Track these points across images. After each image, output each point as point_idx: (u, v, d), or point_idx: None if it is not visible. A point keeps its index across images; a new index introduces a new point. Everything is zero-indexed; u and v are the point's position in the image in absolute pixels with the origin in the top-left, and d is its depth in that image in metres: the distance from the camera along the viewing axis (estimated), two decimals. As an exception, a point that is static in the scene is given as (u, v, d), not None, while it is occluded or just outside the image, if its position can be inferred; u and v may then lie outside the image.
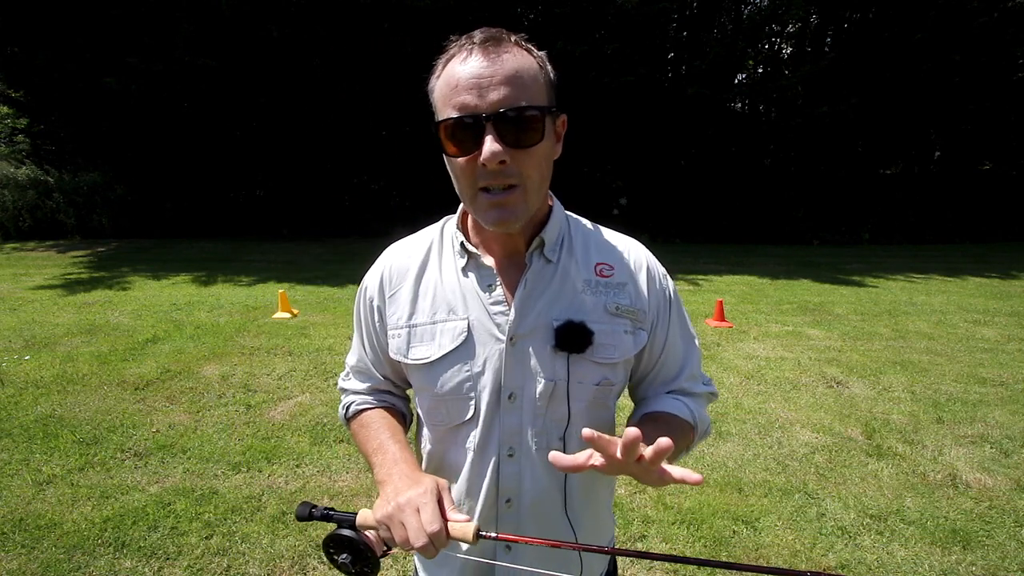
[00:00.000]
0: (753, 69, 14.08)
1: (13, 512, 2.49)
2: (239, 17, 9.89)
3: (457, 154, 0.74)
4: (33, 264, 8.69)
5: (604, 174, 13.44)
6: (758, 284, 8.05)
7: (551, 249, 0.87)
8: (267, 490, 2.71)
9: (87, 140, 12.21)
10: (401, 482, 0.76)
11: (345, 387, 1.02)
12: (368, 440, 0.90)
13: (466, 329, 0.84)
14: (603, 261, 0.89)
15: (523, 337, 0.83)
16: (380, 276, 0.92)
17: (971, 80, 12.08)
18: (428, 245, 0.92)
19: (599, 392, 0.86)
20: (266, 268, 8.41)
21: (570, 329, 0.82)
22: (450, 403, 0.86)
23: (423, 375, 0.87)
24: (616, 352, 0.85)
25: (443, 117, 0.74)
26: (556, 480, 0.87)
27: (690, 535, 2.44)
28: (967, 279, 8.53)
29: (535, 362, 0.83)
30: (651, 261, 0.92)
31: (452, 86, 0.73)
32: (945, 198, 13.55)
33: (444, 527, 0.69)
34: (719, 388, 4.09)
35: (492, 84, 0.71)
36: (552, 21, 11.57)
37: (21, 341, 4.81)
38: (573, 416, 0.84)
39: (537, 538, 0.73)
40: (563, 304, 0.84)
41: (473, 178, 0.75)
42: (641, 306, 0.88)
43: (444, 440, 0.90)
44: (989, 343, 5.25)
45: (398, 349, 0.89)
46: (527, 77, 0.74)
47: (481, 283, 0.85)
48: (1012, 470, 2.99)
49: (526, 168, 0.75)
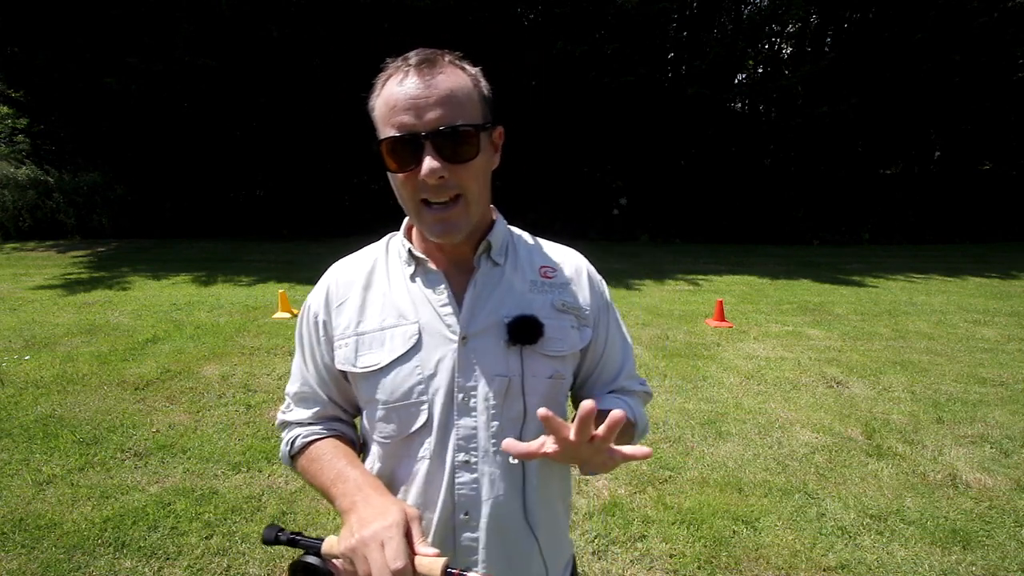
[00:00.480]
0: (753, 69, 14.08)
1: (13, 512, 2.49)
2: (239, 17, 9.89)
3: (398, 170, 0.78)
4: (33, 264, 8.69)
5: (604, 174, 13.44)
6: (758, 284, 8.05)
7: (498, 253, 0.90)
8: (267, 490, 2.71)
9: (87, 140, 12.21)
10: (366, 511, 0.72)
11: (287, 419, 0.95)
12: (322, 472, 0.85)
13: (417, 332, 0.85)
14: (546, 264, 0.94)
15: (475, 335, 0.84)
16: (325, 291, 0.92)
17: (971, 80, 12.08)
18: (374, 258, 0.93)
19: (552, 386, 0.87)
20: (266, 268, 8.41)
21: (522, 322, 0.84)
22: (401, 410, 0.84)
23: (372, 383, 0.85)
24: (565, 345, 0.88)
25: (384, 136, 0.78)
26: (515, 484, 0.86)
27: (690, 535, 2.44)
28: (967, 279, 8.53)
29: (488, 359, 0.84)
30: (589, 267, 0.99)
31: (391, 106, 0.76)
32: (945, 198, 13.55)
33: (410, 563, 0.66)
34: (719, 388, 4.09)
35: (428, 104, 0.75)
36: (552, 21, 11.57)
37: (21, 341, 4.81)
38: (529, 412, 0.85)
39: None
40: (512, 302, 0.87)
41: (415, 191, 0.79)
42: (583, 306, 0.92)
43: (395, 454, 0.87)
44: (989, 343, 5.25)
45: (346, 358, 0.87)
46: (461, 96, 0.77)
47: (429, 287, 0.87)
48: (1012, 470, 2.99)
49: (464, 180, 0.79)
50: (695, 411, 3.69)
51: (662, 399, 3.88)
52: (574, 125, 12.35)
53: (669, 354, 4.80)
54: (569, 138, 12.54)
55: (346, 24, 10.37)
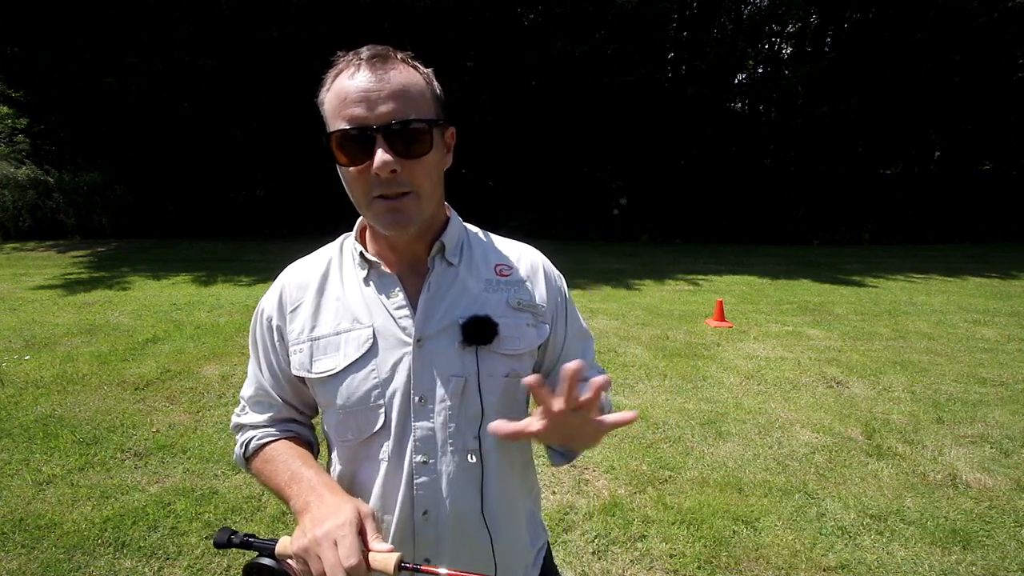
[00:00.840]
0: (753, 69, 14.09)
1: (13, 512, 2.49)
2: (239, 17, 9.89)
3: (348, 164, 0.76)
4: (33, 264, 8.68)
5: (604, 174, 13.44)
6: (758, 284, 8.05)
7: (452, 253, 0.89)
8: (267, 490, 2.70)
9: (87, 140, 12.21)
10: (319, 511, 0.71)
11: (242, 423, 0.94)
12: (276, 473, 0.84)
13: (371, 336, 0.84)
14: (501, 262, 0.93)
15: (430, 338, 0.84)
16: (279, 295, 0.90)
17: (971, 80, 12.09)
18: (327, 261, 0.92)
19: (509, 384, 0.87)
20: (266, 268, 8.40)
21: (476, 323, 0.84)
22: (359, 415, 0.84)
23: (329, 388, 0.85)
24: (521, 343, 0.88)
25: (333, 129, 0.76)
26: (474, 482, 0.86)
27: (690, 535, 2.44)
28: (967, 279, 8.54)
29: (444, 361, 0.84)
30: (546, 263, 0.98)
31: (341, 99, 0.75)
32: (945, 198, 13.55)
33: (364, 560, 0.66)
34: (719, 388, 4.09)
35: (380, 98, 0.74)
36: (552, 21, 11.57)
37: (21, 341, 4.81)
38: (486, 411, 0.85)
39: (460, 570, 0.71)
40: (466, 303, 0.86)
41: (366, 187, 0.77)
42: (540, 302, 0.92)
43: (355, 457, 0.88)
44: (989, 343, 5.25)
45: (301, 364, 0.86)
46: (414, 91, 0.76)
47: (383, 290, 0.86)
48: (1012, 470, 2.99)
49: (417, 177, 0.77)
50: (695, 411, 3.69)
51: (662, 399, 3.88)
52: (574, 125, 12.35)
53: (669, 354, 4.80)
54: (569, 138, 12.54)
55: (346, 24, 10.37)
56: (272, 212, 12.26)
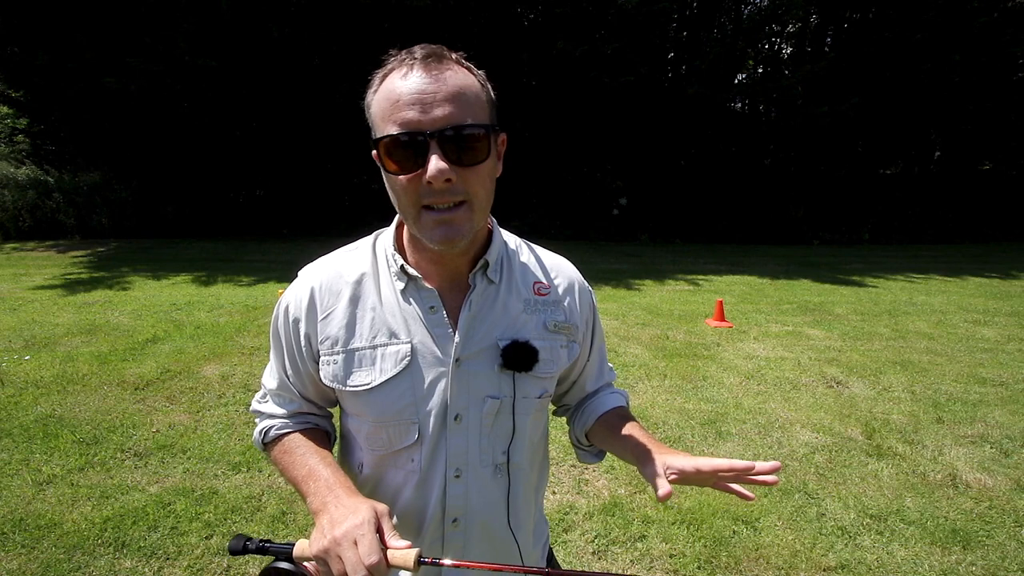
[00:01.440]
0: (753, 69, 14.10)
1: (13, 512, 2.49)
2: (239, 17, 9.89)
3: (399, 172, 0.72)
4: (33, 264, 8.68)
5: (604, 174, 13.45)
6: (758, 284, 8.05)
7: (494, 270, 0.86)
8: (267, 490, 2.71)
9: (87, 140, 12.21)
10: (337, 511, 0.72)
11: (261, 410, 0.94)
12: (294, 466, 0.85)
13: (409, 353, 0.82)
14: (539, 280, 0.91)
15: (468, 358, 0.83)
16: (309, 296, 0.85)
17: (971, 80, 12.09)
18: (361, 264, 0.87)
19: (541, 404, 0.90)
20: (266, 268, 8.40)
21: (517, 349, 0.84)
22: (391, 428, 0.84)
23: (363, 401, 0.84)
24: (555, 367, 0.89)
25: (383, 133, 0.71)
26: (501, 494, 0.89)
27: (690, 535, 2.44)
28: (967, 279, 8.54)
29: (481, 382, 0.84)
30: (579, 278, 0.98)
31: (393, 102, 0.70)
32: (945, 198, 13.56)
33: (383, 557, 0.67)
34: (719, 388, 4.09)
35: (436, 101, 0.69)
36: (552, 21, 11.58)
37: (21, 341, 4.81)
38: (518, 429, 0.87)
39: (479, 562, 0.72)
40: (506, 324, 0.86)
41: (416, 196, 0.73)
42: (575, 321, 0.92)
43: (384, 464, 0.88)
44: (989, 343, 5.25)
45: (335, 376, 0.84)
46: (470, 95, 0.72)
47: (423, 306, 0.83)
48: (1012, 470, 2.99)
49: (472, 186, 0.73)
50: (695, 411, 3.69)
51: (662, 399, 3.88)
52: (574, 125, 12.35)
53: (669, 354, 4.80)
54: (569, 138, 12.54)
55: (346, 24, 10.37)
56: (272, 212, 12.27)
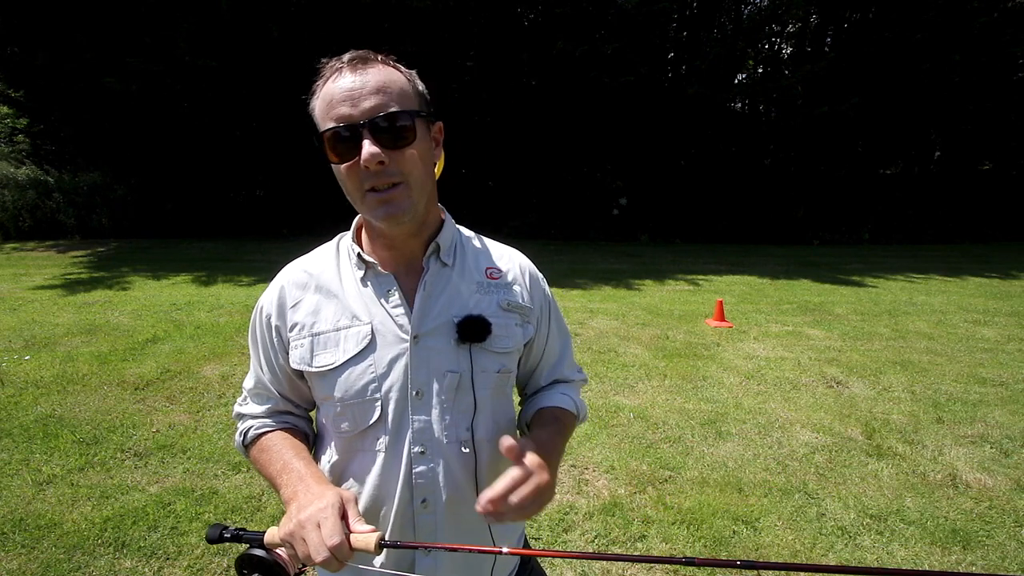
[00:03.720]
0: (753, 69, 14.09)
1: (13, 512, 2.49)
2: (239, 17, 9.89)
3: (339, 161, 0.80)
4: (33, 264, 8.68)
5: (604, 174, 13.44)
6: (758, 284, 8.05)
7: (447, 253, 0.93)
8: (267, 490, 2.70)
9: (87, 140, 12.20)
10: (304, 498, 0.76)
11: (242, 412, 1.00)
12: (270, 463, 0.89)
13: (370, 333, 0.88)
14: (492, 265, 0.98)
15: (426, 335, 0.88)
16: (278, 293, 0.93)
17: (971, 80, 12.09)
18: (325, 260, 0.95)
19: (499, 380, 0.93)
20: (266, 268, 8.40)
21: (470, 322, 0.89)
22: (355, 408, 0.88)
23: (327, 382, 0.88)
24: (510, 342, 0.93)
25: (323, 128, 0.80)
26: (468, 472, 0.91)
27: (690, 535, 2.44)
28: (967, 279, 8.54)
29: (439, 357, 0.88)
30: (531, 267, 1.03)
31: (327, 101, 0.80)
32: (945, 198, 13.56)
33: (346, 539, 0.70)
34: (719, 388, 4.09)
35: (363, 94, 0.78)
36: (552, 21, 11.57)
37: (21, 341, 4.81)
38: (479, 404, 0.90)
39: (444, 543, 0.74)
40: (460, 302, 0.91)
41: (358, 181, 0.80)
42: (527, 303, 0.97)
43: (351, 448, 0.91)
44: (989, 343, 5.25)
45: (301, 359, 0.89)
46: (394, 87, 0.80)
47: (380, 290, 0.90)
48: (1012, 470, 2.99)
49: (405, 166, 0.80)
50: (695, 411, 3.69)
51: (662, 399, 3.88)
52: (574, 125, 12.35)
53: (669, 354, 4.80)
54: (569, 138, 12.53)
55: (346, 24, 10.37)
56: (272, 212, 12.26)
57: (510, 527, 1.02)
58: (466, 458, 0.90)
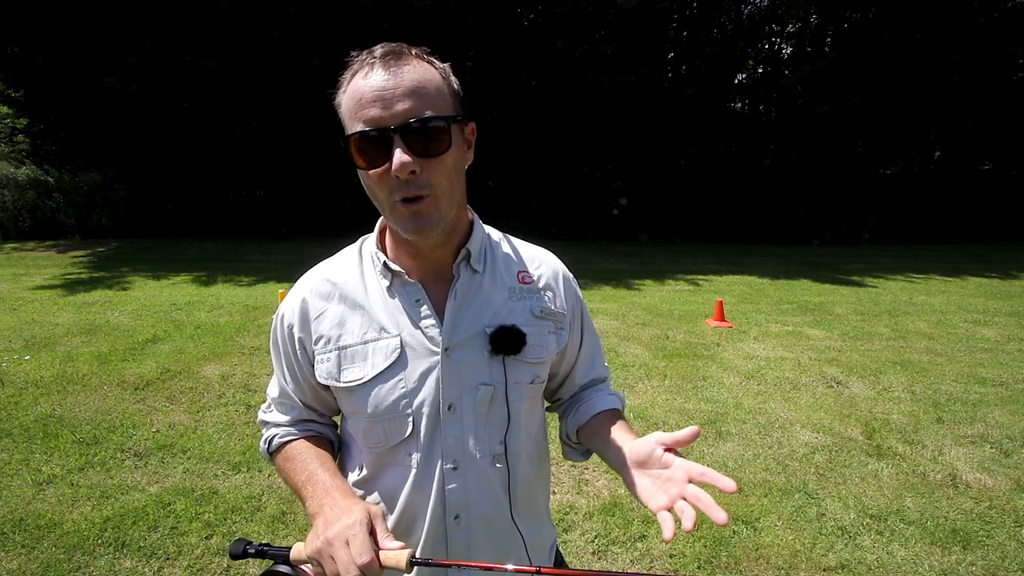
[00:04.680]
0: (753, 69, 14.09)
1: (13, 512, 2.49)
2: (239, 17, 9.89)
3: (367, 167, 0.75)
4: (33, 264, 8.68)
5: (604, 174, 13.44)
6: (758, 284, 8.05)
7: (477, 260, 0.88)
8: (267, 490, 2.71)
9: (87, 140, 12.21)
10: (332, 513, 0.74)
11: (266, 420, 0.97)
12: (296, 472, 0.87)
13: (399, 346, 0.84)
14: (523, 269, 0.93)
15: (458, 347, 0.84)
16: (300, 304, 0.89)
17: (971, 80, 12.09)
18: (348, 267, 0.91)
19: (533, 390, 0.90)
20: (266, 268, 8.40)
21: (504, 333, 0.84)
22: (387, 423, 0.85)
23: (356, 397, 0.85)
24: (544, 352, 0.89)
25: (351, 131, 0.75)
26: (502, 485, 0.88)
27: (690, 535, 2.44)
28: (967, 279, 8.54)
29: (472, 370, 0.84)
30: (562, 268, 0.99)
31: (357, 99, 0.74)
32: (945, 198, 13.56)
33: (376, 557, 0.68)
34: (719, 388, 4.10)
35: (396, 96, 0.72)
36: (552, 21, 11.57)
37: (21, 341, 4.81)
38: (512, 417, 0.87)
39: (475, 562, 0.71)
40: (492, 311, 0.87)
41: (388, 190, 0.75)
42: (560, 309, 0.93)
43: (381, 462, 0.88)
44: (989, 343, 5.25)
45: (328, 373, 0.86)
46: (430, 88, 0.75)
47: (408, 300, 0.85)
48: (1012, 470, 2.98)
49: (435, 177, 0.75)
50: (695, 411, 3.69)
51: (662, 399, 3.88)
52: (574, 125, 12.35)
53: (669, 354, 4.80)
54: (569, 138, 12.53)
55: (346, 24, 10.37)
56: (272, 212, 12.26)
57: (545, 541, 0.99)
58: (499, 473, 0.87)
